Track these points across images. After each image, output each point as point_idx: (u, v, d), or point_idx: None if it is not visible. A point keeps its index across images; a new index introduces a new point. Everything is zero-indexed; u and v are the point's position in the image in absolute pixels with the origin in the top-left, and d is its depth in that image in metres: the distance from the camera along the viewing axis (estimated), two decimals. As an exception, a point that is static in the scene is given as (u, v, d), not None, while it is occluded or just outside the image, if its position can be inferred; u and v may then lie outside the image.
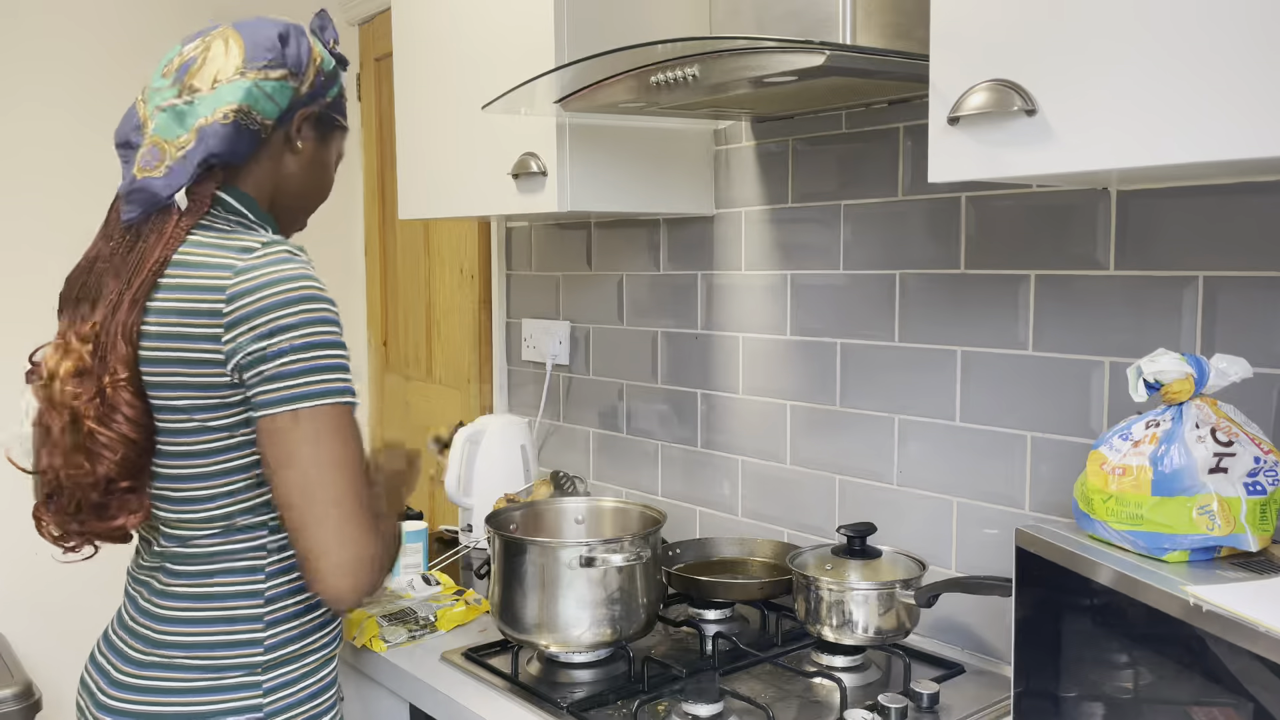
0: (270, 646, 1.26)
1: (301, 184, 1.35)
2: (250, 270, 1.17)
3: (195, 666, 1.24)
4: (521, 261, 2.45)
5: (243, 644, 1.25)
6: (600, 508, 1.74)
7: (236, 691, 1.24)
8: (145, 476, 1.23)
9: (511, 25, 1.76)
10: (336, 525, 1.16)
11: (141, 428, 1.20)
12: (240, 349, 1.15)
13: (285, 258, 1.20)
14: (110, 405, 1.18)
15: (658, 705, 1.40)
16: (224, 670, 1.24)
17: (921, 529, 1.65)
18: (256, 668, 1.25)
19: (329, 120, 1.36)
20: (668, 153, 1.87)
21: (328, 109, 1.34)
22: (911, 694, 1.39)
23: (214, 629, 1.25)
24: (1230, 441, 1.08)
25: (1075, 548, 1.11)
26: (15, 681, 2.33)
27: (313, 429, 1.16)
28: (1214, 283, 1.30)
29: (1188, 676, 0.97)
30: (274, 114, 1.27)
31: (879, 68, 1.33)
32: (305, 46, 1.30)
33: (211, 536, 1.25)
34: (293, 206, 1.37)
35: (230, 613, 1.25)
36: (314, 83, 1.31)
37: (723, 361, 1.97)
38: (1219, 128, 0.92)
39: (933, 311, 1.61)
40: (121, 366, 1.18)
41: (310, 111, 1.31)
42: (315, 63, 1.31)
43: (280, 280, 1.17)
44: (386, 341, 3.19)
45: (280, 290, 1.16)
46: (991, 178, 1.11)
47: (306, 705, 1.29)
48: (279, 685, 1.26)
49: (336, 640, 1.35)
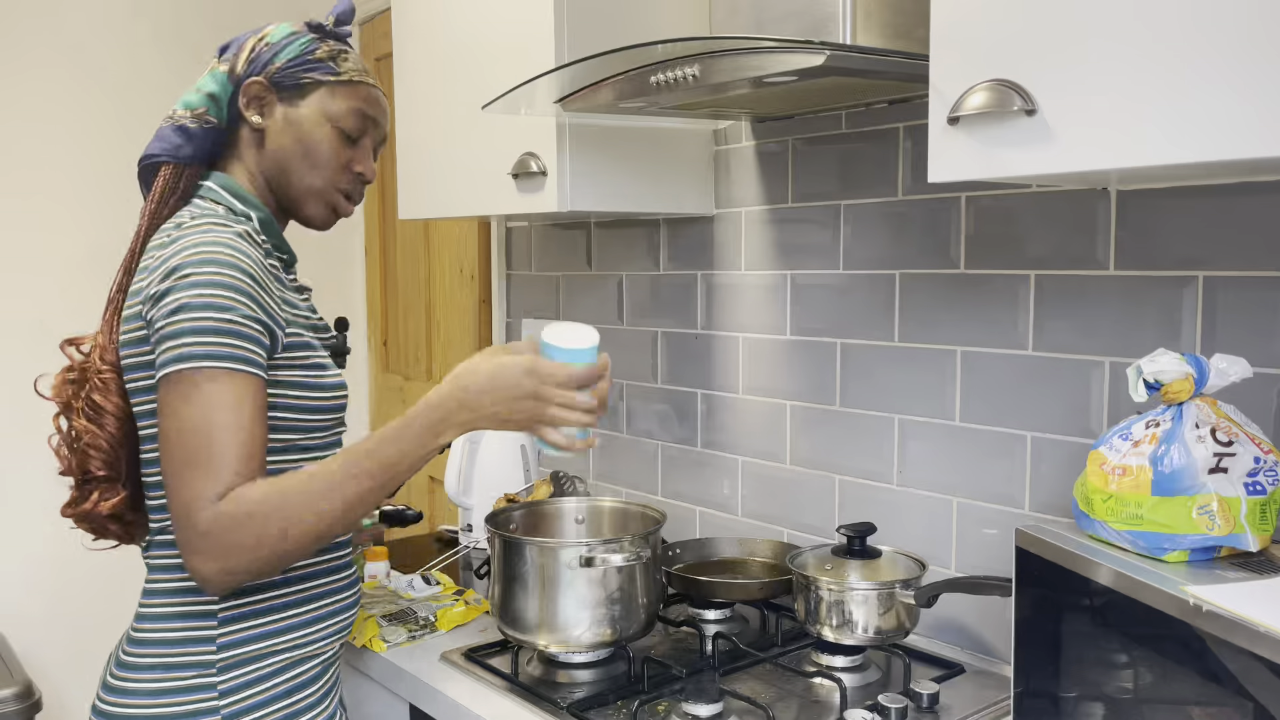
0: (223, 645, 1.23)
1: (285, 157, 1.32)
2: (171, 243, 1.20)
3: (155, 665, 1.23)
4: (521, 261, 2.45)
5: (195, 641, 1.23)
6: (600, 508, 1.74)
7: (192, 693, 1.22)
8: (122, 469, 1.26)
9: (511, 25, 1.76)
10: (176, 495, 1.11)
11: (119, 421, 1.24)
12: (146, 318, 1.18)
13: (207, 227, 1.20)
14: (94, 402, 1.24)
15: (658, 705, 1.40)
16: (178, 669, 1.23)
17: (921, 529, 1.65)
18: (210, 667, 1.22)
19: (291, 81, 1.30)
20: (668, 153, 1.87)
21: (283, 71, 1.30)
22: (911, 694, 1.39)
23: (170, 625, 1.24)
24: (1230, 441, 1.08)
25: (1075, 548, 1.11)
26: (15, 681, 2.32)
27: (173, 393, 1.12)
28: (1214, 283, 1.30)
29: (1188, 676, 0.97)
30: (200, 103, 1.29)
31: (879, 68, 1.33)
32: (247, 35, 1.32)
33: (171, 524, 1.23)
34: (295, 188, 1.33)
35: (185, 609, 1.23)
36: (252, 56, 1.30)
37: (723, 361, 1.97)
38: (1219, 128, 0.92)
39: (933, 311, 1.61)
40: (105, 365, 1.24)
41: (254, 80, 1.30)
42: (257, 38, 1.32)
43: (183, 248, 1.17)
44: (386, 341, 3.19)
45: (176, 256, 1.16)
46: (991, 178, 1.11)
47: (273, 707, 1.26)
48: (236, 686, 1.23)
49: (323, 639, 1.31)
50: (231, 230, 1.21)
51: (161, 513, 1.25)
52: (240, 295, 1.15)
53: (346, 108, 1.32)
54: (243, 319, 1.14)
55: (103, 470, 1.25)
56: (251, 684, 1.24)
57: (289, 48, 1.31)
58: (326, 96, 1.32)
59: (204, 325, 1.12)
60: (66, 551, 2.64)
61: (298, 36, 1.32)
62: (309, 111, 1.31)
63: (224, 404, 1.11)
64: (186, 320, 1.13)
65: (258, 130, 1.31)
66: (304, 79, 1.31)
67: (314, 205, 1.35)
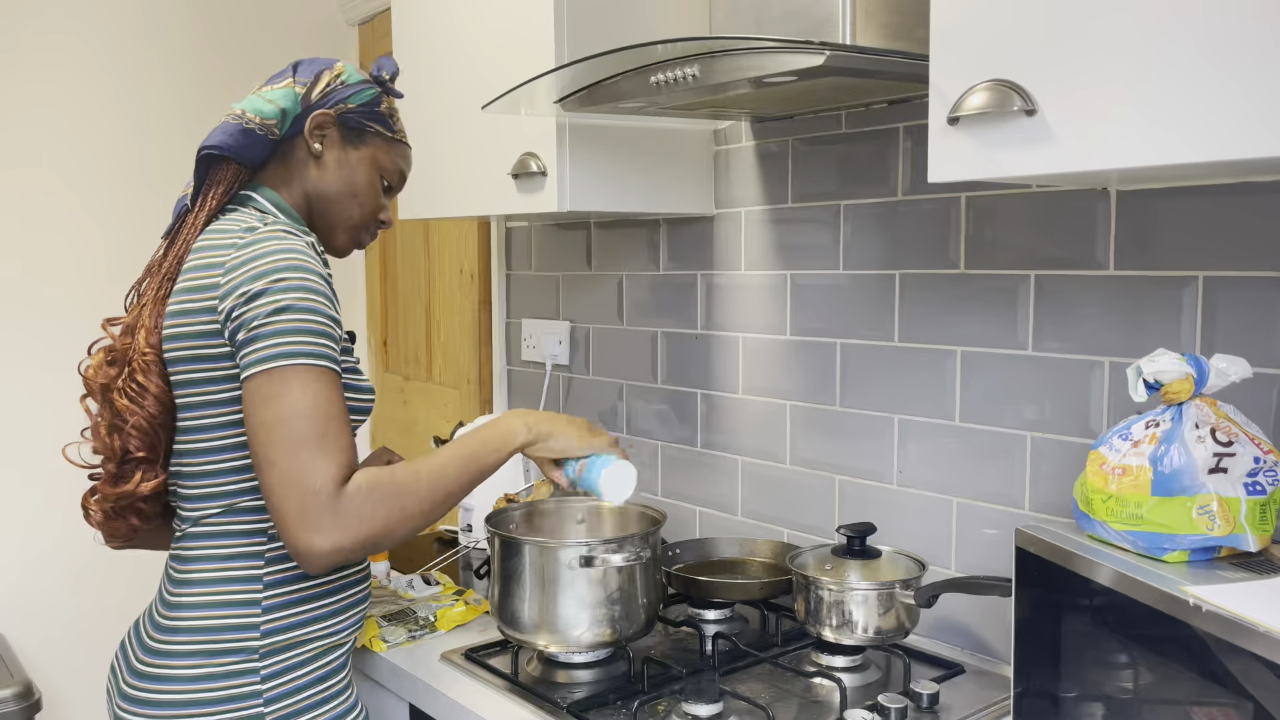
0: (267, 632, 1.28)
1: (331, 189, 1.40)
2: (248, 245, 1.25)
3: (195, 652, 1.27)
4: (521, 261, 2.45)
5: (239, 629, 1.27)
6: (600, 508, 1.74)
7: (235, 678, 1.27)
8: (160, 450, 1.31)
9: (511, 25, 1.76)
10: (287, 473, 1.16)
11: (162, 404, 1.29)
12: (230, 315, 1.22)
13: (282, 234, 1.27)
14: (137, 383, 1.29)
15: (657, 705, 1.40)
16: (221, 655, 1.27)
17: (921, 529, 1.65)
18: (253, 653, 1.27)
19: (355, 124, 1.40)
20: (668, 153, 1.87)
21: (352, 114, 1.39)
22: (911, 694, 1.39)
23: (213, 613, 1.28)
24: (1230, 441, 1.08)
25: (1075, 548, 1.11)
26: (15, 681, 2.32)
27: (274, 388, 1.18)
28: (1214, 283, 1.30)
29: (1187, 676, 0.97)
30: (274, 115, 1.35)
31: (879, 68, 1.33)
32: (323, 65, 1.40)
33: (217, 515, 1.29)
34: (332, 217, 1.42)
35: (229, 597, 1.28)
36: (328, 89, 1.38)
37: (723, 361, 1.97)
38: (1218, 128, 0.92)
39: (932, 311, 1.61)
40: (148, 348, 1.28)
41: (325, 113, 1.37)
42: (333, 73, 1.39)
43: (270, 252, 1.23)
44: (386, 341, 3.19)
45: (267, 260, 1.23)
46: (991, 178, 1.11)
47: (310, 691, 1.31)
48: (278, 671, 1.28)
49: (346, 629, 1.36)
50: (304, 240, 1.29)
51: (203, 502, 1.30)
52: (329, 301, 1.25)
53: (393, 164, 1.44)
54: (332, 323, 1.24)
55: (142, 451, 1.30)
56: (292, 669, 1.30)
57: (362, 94, 1.40)
58: (381, 148, 1.43)
59: (308, 326, 1.20)
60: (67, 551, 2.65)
61: (369, 86, 1.41)
62: (363, 156, 1.41)
63: (332, 397, 1.20)
64: (290, 320, 1.20)
65: (314, 156, 1.39)
66: (368, 127, 1.40)
67: (344, 237, 1.45)
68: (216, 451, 1.28)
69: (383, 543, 1.21)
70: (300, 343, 1.19)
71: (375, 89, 1.41)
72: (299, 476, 1.16)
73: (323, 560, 1.16)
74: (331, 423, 1.18)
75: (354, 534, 1.17)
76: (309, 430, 1.17)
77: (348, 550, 1.17)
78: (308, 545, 1.15)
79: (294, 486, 1.16)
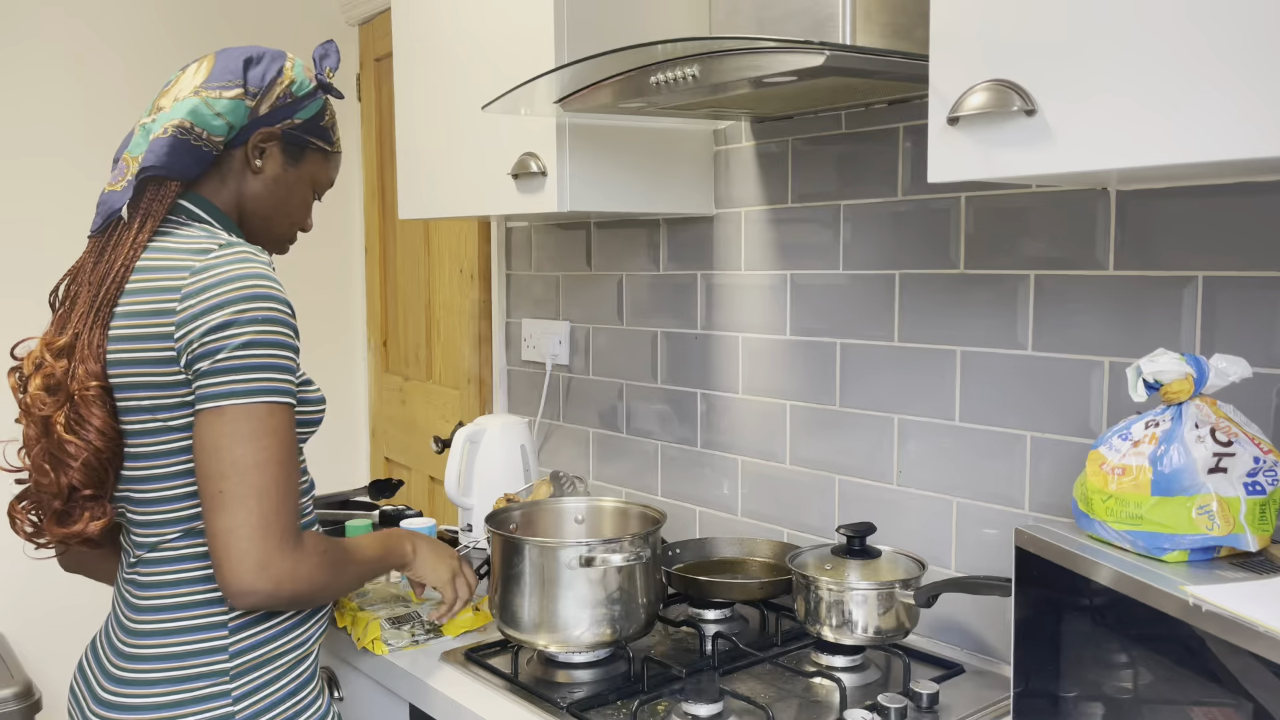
0: (235, 652, 1.26)
1: (266, 205, 1.38)
2: (205, 270, 1.21)
3: (164, 679, 1.25)
4: (521, 261, 2.45)
5: (207, 652, 1.25)
6: (600, 508, 1.74)
7: (206, 702, 1.25)
8: (109, 485, 1.26)
9: (511, 25, 1.76)
10: (258, 514, 1.17)
11: (107, 438, 1.23)
12: (190, 344, 1.18)
13: (242, 257, 1.23)
14: (80, 415, 1.22)
15: (657, 705, 1.40)
16: (191, 681, 1.25)
17: (921, 529, 1.65)
18: (224, 675, 1.26)
19: (298, 141, 1.37)
20: (668, 153, 1.87)
21: (297, 130, 1.36)
22: (911, 694, 1.39)
23: (179, 639, 1.26)
24: (1230, 441, 1.08)
25: (1075, 548, 1.11)
26: (15, 681, 2.33)
27: (246, 425, 1.18)
28: (1214, 283, 1.30)
29: (1187, 676, 0.97)
30: (222, 131, 1.30)
31: (879, 68, 1.33)
32: (275, 70, 1.34)
33: (175, 540, 1.26)
34: (260, 230, 1.40)
35: (194, 622, 1.26)
36: (276, 102, 1.33)
37: (722, 361, 1.97)
38: (1219, 128, 0.92)
39: (932, 311, 1.61)
40: (90, 378, 1.22)
41: (270, 131, 1.34)
42: (282, 84, 1.34)
43: (232, 279, 1.20)
44: (386, 341, 3.19)
45: (230, 288, 1.19)
46: (991, 178, 1.11)
47: (283, 706, 1.30)
48: (250, 691, 1.27)
49: (314, 637, 1.35)
50: (264, 262, 1.25)
51: (159, 528, 1.26)
52: (292, 332, 1.23)
53: (327, 177, 1.45)
54: (293, 353, 1.23)
55: (89, 489, 1.24)
56: (263, 686, 1.28)
57: (309, 107, 1.37)
58: (319, 163, 1.42)
59: (272, 362, 1.19)
60: (66, 551, 2.65)
61: (315, 97, 1.38)
62: (301, 175, 1.40)
63: (288, 437, 1.21)
64: (255, 356, 1.18)
65: (254, 171, 1.36)
66: (310, 143, 1.39)
67: (272, 245, 1.44)
68: (171, 478, 1.24)
69: (305, 603, 1.26)
70: (264, 379, 1.18)
71: (323, 98, 1.39)
72: (260, 515, 1.16)
73: (254, 600, 1.18)
74: (289, 467, 1.20)
75: (295, 585, 1.19)
76: (267, 476, 1.17)
77: (284, 598, 1.20)
78: (250, 583, 1.16)
79: (250, 524, 1.16)
